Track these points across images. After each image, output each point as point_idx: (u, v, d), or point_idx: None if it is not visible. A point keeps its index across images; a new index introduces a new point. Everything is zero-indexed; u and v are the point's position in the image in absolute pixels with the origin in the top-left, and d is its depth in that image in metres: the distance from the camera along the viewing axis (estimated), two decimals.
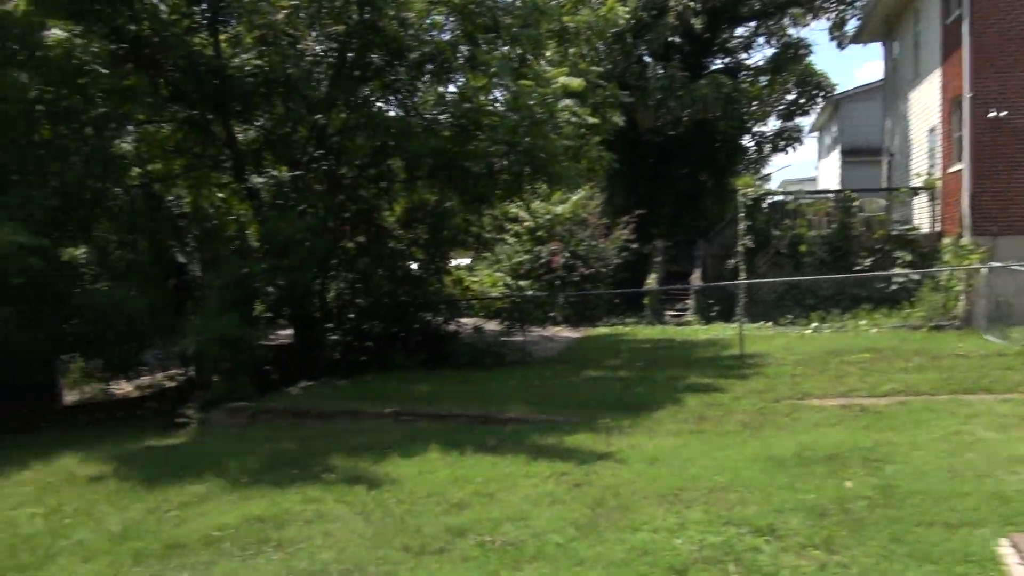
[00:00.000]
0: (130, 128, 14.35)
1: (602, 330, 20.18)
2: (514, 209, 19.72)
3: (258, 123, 13.93)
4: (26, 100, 11.77)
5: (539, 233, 21.53)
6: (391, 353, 14.21)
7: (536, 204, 20.91)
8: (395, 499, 6.52)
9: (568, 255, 21.18)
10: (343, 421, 10.70)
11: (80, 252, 13.62)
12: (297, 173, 13.14)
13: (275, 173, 14.17)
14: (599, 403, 10.64)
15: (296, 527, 5.95)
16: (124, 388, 18.57)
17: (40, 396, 14.31)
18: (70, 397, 17.31)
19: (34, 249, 10.59)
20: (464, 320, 16.09)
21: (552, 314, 19.71)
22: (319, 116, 14.08)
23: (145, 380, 18.76)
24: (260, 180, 13.51)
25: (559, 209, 21.64)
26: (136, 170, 15.01)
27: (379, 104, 14.39)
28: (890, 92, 23.34)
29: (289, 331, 16.74)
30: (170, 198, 17.84)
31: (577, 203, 21.90)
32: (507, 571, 4.78)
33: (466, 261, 22.87)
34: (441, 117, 13.56)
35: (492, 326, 16.31)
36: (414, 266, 15.65)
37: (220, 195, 18.03)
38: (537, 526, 5.57)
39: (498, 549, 5.15)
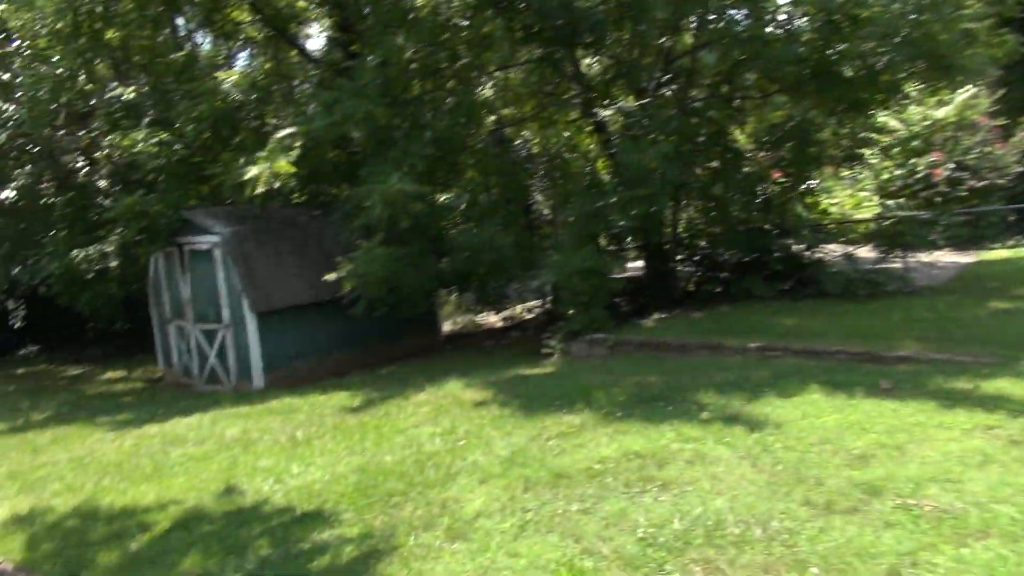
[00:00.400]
0: (484, 78, 15.14)
1: (1000, 253, 16.96)
2: (884, 118, 17.17)
3: (605, 53, 13.71)
4: (403, 61, 12.91)
5: (914, 144, 18.58)
6: (747, 283, 13.33)
7: (910, 110, 18.03)
8: (781, 444, 5.90)
9: (952, 166, 18.00)
10: (703, 355, 10.29)
11: (450, 196, 14.83)
12: (645, 101, 12.71)
13: (621, 104, 13.89)
14: (1017, 341, 8.79)
15: (677, 467, 5.66)
16: (489, 319, 20.30)
17: (425, 327, 16.09)
18: (445, 327, 19.37)
19: (416, 195, 11.69)
20: (828, 246, 14.49)
21: (932, 237, 16.99)
22: (664, 39, 13.43)
23: (506, 312, 20.30)
24: (607, 113, 13.34)
25: (940, 113, 18.40)
26: (490, 117, 15.85)
27: (727, 15, 13.24)
28: None
29: (637, 263, 16.71)
30: (518, 141, 18.74)
31: (963, 104, 18.40)
32: (949, 546, 3.94)
33: (814, 183, 20.68)
34: (799, 21, 12.07)
35: (861, 252, 14.49)
36: (768, 189, 14.39)
37: (566, 133, 18.46)
38: (973, 491, 4.57)
39: (929, 516, 4.29)
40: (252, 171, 11.95)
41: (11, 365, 20.66)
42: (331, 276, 11.91)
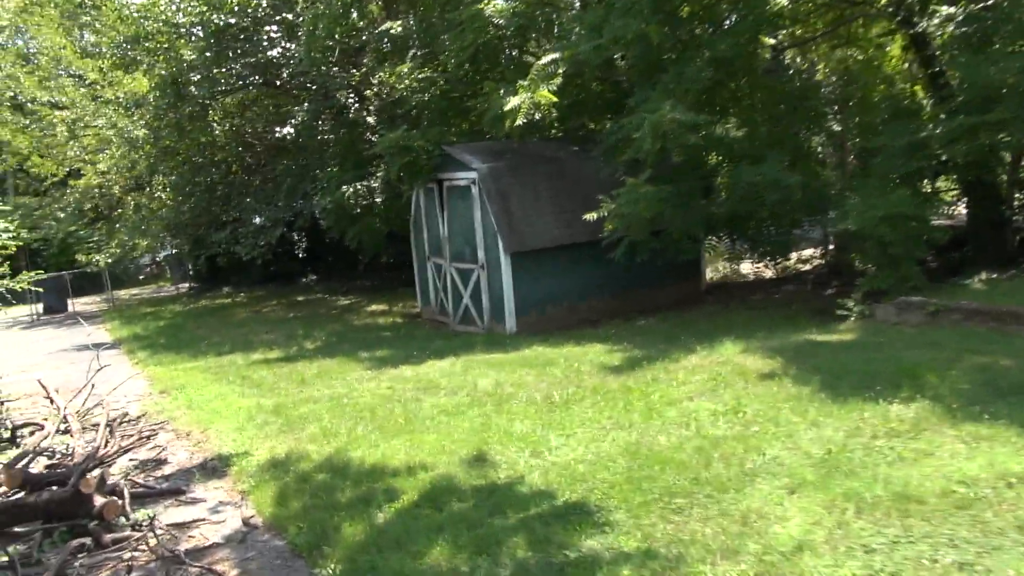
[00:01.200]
0: None
1: None
2: None
3: None
4: None
5: None
6: None
7: None
8: None
9: None
10: None
11: (728, 127, 13.00)
12: (991, 1, 9.91)
13: (950, 11, 11.10)
14: None
15: None
16: (754, 269, 18.22)
17: (687, 276, 14.61)
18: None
19: (690, 125, 10.18)
20: None
21: None
22: None
23: (776, 262, 18.03)
24: (935, 23, 10.69)
25: None
26: (768, 40, 13.62)
27: None
28: None
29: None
30: (800, 66, 16.21)
31: None
32: None
33: None
34: None
35: None
36: None
37: (860, 57, 15.61)
38: None
39: None
40: (513, 101, 11.19)
41: (294, 292, 22.51)
42: (591, 216, 10.89)
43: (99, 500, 5.27)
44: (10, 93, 23.51)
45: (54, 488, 5.76)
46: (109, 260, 21.24)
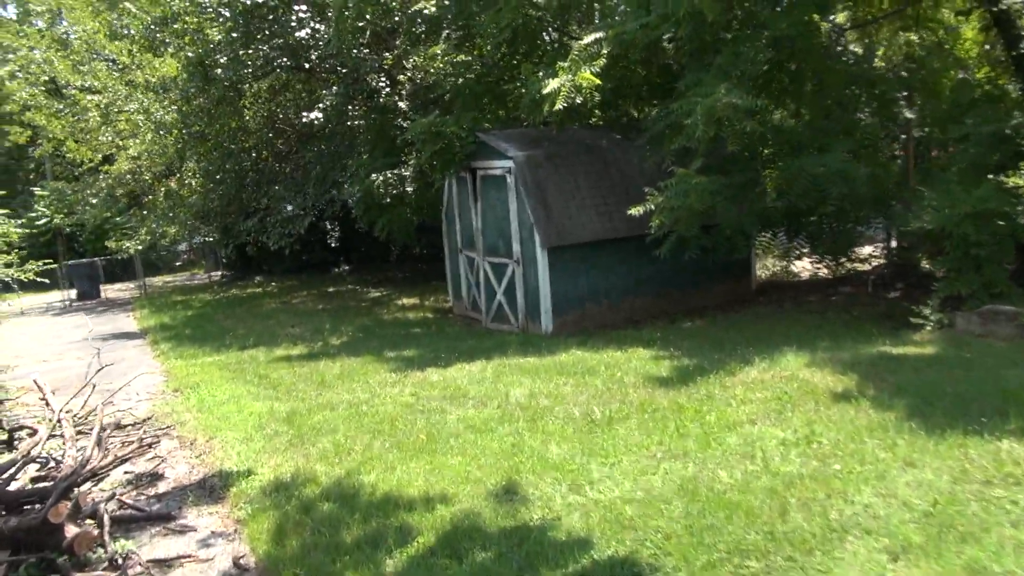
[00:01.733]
0: None
1: None
2: None
3: None
4: None
5: None
6: None
7: None
8: None
9: None
10: None
11: (785, 113, 11.96)
12: None
13: None
14: None
15: None
16: (808, 267, 17.11)
17: (736, 275, 13.63)
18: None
19: (748, 110, 9.23)
20: None
21: None
22: None
23: (829, 260, 16.87)
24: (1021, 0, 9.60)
25: None
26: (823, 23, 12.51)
27: None
28: None
29: None
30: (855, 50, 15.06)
31: None
32: None
33: None
34: None
35: None
36: None
37: (928, 41, 14.41)
38: None
39: None
40: (552, 84, 10.34)
41: (325, 283, 21.94)
42: (637, 209, 9.98)
43: (71, 530, 4.60)
44: (45, 77, 23.31)
45: (36, 507, 5.15)
46: (139, 247, 20.89)
